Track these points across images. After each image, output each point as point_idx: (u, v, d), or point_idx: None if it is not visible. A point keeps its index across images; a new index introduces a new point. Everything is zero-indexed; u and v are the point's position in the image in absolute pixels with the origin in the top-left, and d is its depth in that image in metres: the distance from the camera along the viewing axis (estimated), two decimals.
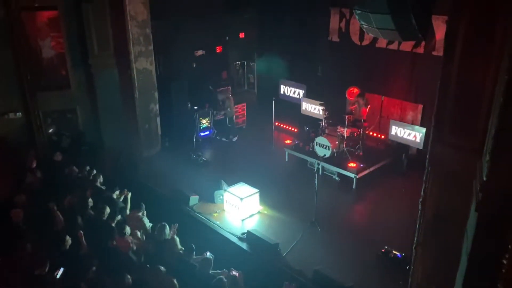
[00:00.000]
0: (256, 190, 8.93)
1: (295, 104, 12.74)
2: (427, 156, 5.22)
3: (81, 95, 11.57)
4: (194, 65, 13.62)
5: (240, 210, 8.71)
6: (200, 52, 13.66)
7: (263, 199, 9.07)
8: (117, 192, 8.41)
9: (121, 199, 8.35)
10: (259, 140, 12.46)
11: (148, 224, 7.81)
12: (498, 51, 4.16)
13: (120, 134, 11.40)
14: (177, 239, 6.92)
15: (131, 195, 8.47)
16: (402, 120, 10.80)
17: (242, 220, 8.71)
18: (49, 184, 8.71)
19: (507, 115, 3.55)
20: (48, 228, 7.15)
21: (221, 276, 6.16)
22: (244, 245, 8.00)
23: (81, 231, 6.82)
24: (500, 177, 3.69)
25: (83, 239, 6.74)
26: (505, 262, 2.87)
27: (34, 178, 8.91)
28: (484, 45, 4.32)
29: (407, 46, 10.44)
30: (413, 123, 10.59)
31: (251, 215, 8.83)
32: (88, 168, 9.17)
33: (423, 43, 10.13)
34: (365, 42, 11.41)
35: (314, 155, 10.46)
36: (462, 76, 4.60)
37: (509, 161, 3.55)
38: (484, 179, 3.85)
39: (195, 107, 12.58)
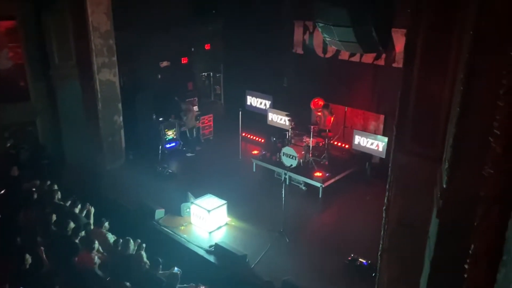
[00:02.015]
0: (223, 201, 8.85)
1: (261, 115, 12.80)
2: (390, 165, 5.34)
3: (42, 107, 11.16)
4: (159, 76, 13.43)
5: (208, 222, 8.60)
6: (165, 63, 13.51)
7: (231, 210, 8.99)
8: (79, 207, 8.12)
9: (83, 214, 8.06)
10: (226, 151, 12.39)
11: (112, 239, 7.57)
12: (454, 63, 4.33)
13: (83, 147, 11.05)
14: (144, 254, 6.73)
15: (95, 210, 8.20)
16: (365, 130, 11.03)
17: (210, 232, 8.59)
18: (5, 201, 8.30)
19: (463, 124, 3.69)
20: (6, 246, 6.79)
21: None
22: (211, 258, 7.88)
23: (42, 248, 6.51)
24: (459, 184, 3.82)
25: (44, 256, 6.44)
26: (466, 267, 2.95)
27: None
28: (441, 57, 4.50)
29: (368, 58, 10.73)
30: (375, 132, 10.84)
31: (219, 227, 8.73)
32: (49, 182, 8.82)
33: (383, 55, 10.43)
34: (328, 54, 11.65)
35: (281, 165, 10.50)
36: (421, 87, 4.76)
37: (467, 168, 3.68)
38: (444, 186, 3.98)
39: (161, 119, 12.39)
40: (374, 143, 10.27)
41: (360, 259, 7.45)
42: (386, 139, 10.00)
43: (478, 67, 3.48)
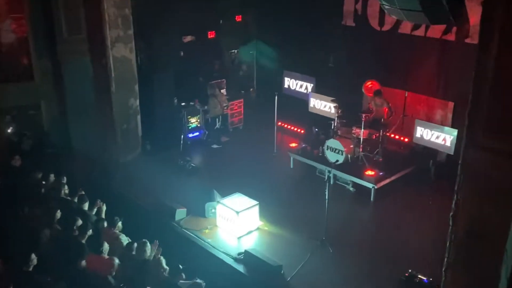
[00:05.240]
0: (255, 202, 8.97)
1: (301, 101, 12.84)
2: (459, 163, 5.29)
3: (47, 88, 11.58)
4: (182, 54, 13.66)
5: (236, 225, 8.75)
6: (189, 38, 13.72)
7: (264, 212, 9.12)
8: (88, 203, 8.43)
9: (93, 212, 8.37)
10: (258, 142, 12.52)
11: (126, 241, 7.83)
12: None
13: (93, 134, 11.40)
14: (163, 259, 6.95)
15: (106, 208, 8.50)
16: (430, 120, 10.92)
17: (239, 237, 8.75)
18: (7, 194, 8.71)
19: None
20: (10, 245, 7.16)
21: None
22: (241, 268, 8.02)
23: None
24: None
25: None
26: None
27: None
28: None
29: (436, 32, 10.57)
30: (442, 123, 10.71)
31: (249, 232, 8.88)
32: (53, 174, 9.19)
33: (454, 29, 10.24)
34: (386, 27, 11.53)
35: (324, 161, 10.53)
36: (500, 68, 4.67)
37: None
38: None
39: (183, 104, 12.62)
40: (441, 136, 10.11)
41: (419, 276, 7.40)
42: (455, 131, 9.84)
43: None
